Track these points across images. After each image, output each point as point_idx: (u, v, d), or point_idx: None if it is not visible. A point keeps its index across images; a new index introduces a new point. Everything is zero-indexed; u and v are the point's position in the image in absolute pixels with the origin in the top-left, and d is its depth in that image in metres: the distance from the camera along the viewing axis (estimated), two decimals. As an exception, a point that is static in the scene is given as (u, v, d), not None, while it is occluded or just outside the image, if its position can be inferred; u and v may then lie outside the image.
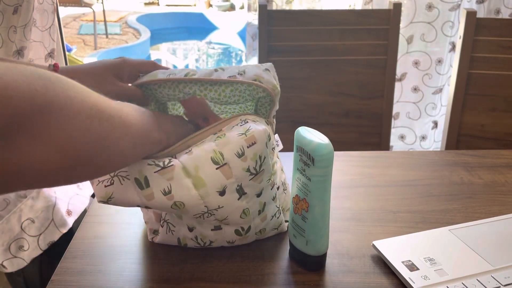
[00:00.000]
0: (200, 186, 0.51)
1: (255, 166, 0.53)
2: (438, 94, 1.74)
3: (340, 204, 0.71)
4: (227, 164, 0.51)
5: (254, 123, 0.54)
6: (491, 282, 0.53)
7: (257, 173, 0.53)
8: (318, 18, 1.25)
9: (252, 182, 0.53)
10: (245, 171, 0.52)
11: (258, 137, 0.52)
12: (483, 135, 1.27)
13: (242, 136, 0.52)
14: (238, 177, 0.52)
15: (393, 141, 1.81)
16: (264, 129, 0.53)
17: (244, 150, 0.52)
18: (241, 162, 0.52)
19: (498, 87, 1.22)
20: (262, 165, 0.53)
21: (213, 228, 0.57)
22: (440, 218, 0.67)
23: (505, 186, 0.76)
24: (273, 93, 0.57)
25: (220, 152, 0.51)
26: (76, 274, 0.56)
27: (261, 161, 0.53)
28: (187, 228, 0.58)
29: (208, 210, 0.52)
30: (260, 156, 0.53)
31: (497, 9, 1.58)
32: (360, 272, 0.57)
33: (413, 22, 1.63)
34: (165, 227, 0.59)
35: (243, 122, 0.55)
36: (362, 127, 1.33)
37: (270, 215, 0.59)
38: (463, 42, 1.20)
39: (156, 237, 0.61)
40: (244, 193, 0.54)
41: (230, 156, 0.51)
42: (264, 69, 0.59)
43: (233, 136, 0.52)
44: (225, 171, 0.51)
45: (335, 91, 1.30)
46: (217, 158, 0.51)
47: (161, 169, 0.50)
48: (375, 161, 0.84)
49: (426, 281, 0.53)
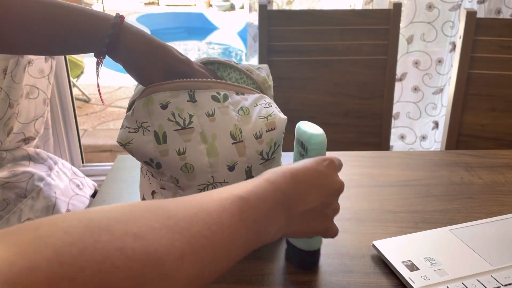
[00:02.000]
0: (212, 154, 0.52)
1: (268, 152, 0.54)
2: (439, 94, 1.74)
3: (340, 204, 0.70)
4: (243, 141, 0.53)
5: (277, 110, 0.56)
6: (491, 282, 0.53)
7: (268, 159, 0.55)
8: (318, 18, 1.25)
9: (261, 167, 0.55)
10: (258, 154, 0.54)
11: (278, 124, 0.54)
12: (483, 135, 1.27)
13: (263, 119, 0.54)
14: (250, 157, 0.53)
15: (393, 141, 1.81)
16: (285, 119, 0.55)
17: (262, 133, 0.53)
18: (257, 144, 0.53)
19: (498, 87, 1.22)
20: (275, 153, 0.55)
21: None
22: (440, 218, 0.67)
23: (505, 186, 0.76)
24: (262, 86, 0.60)
25: (239, 128, 0.53)
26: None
27: (274, 148, 0.55)
28: None
29: (213, 182, 0.53)
30: (275, 143, 0.54)
31: (497, 9, 1.58)
32: (360, 272, 0.57)
33: (413, 22, 1.63)
34: None
35: (267, 104, 0.56)
36: (362, 127, 1.33)
37: None
38: (463, 42, 1.20)
39: None
40: (251, 176, 0.55)
41: (248, 135, 0.53)
42: (257, 68, 0.61)
43: (255, 117, 0.54)
44: (239, 147, 0.53)
45: (335, 91, 1.30)
46: (236, 133, 0.53)
47: (181, 129, 0.52)
48: (375, 161, 0.84)
49: (426, 281, 0.53)
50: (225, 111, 0.54)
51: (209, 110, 0.53)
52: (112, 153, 2.44)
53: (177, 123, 0.52)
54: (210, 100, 0.54)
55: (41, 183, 1.05)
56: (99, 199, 0.72)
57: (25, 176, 1.04)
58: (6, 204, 1.01)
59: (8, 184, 1.01)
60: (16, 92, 1.14)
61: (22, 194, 1.02)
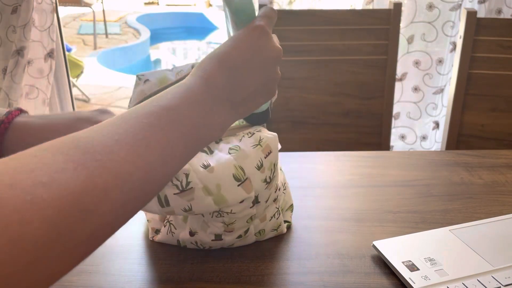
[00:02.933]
0: (221, 202, 0.51)
1: (270, 175, 0.54)
2: (439, 95, 1.74)
3: (340, 204, 0.71)
4: (248, 179, 0.52)
5: (261, 132, 0.55)
6: (492, 282, 0.53)
7: (271, 181, 0.54)
8: (318, 18, 1.25)
9: (266, 191, 0.54)
10: (262, 182, 0.53)
11: (273, 146, 0.53)
12: (483, 135, 1.27)
13: (257, 147, 0.52)
14: (257, 189, 0.53)
15: (394, 141, 1.81)
16: (275, 136, 0.54)
17: (262, 161, 0.52)
18: (260, 174, 0.52)
19: (498, 87, 1.22)
20: (274, 172, 0.54)
21: (214, 238, 0.57)
22: (440, 218, 0.67)
23: (505, 186, 0.76)
24: None
25: (240, 168, 0.51)
26: (76, 274, 0.56)
27: (274, 169, 0.54)
28: (189, 232, 0.58)
29: (219, 211, 0.53)
30: (274, 164, 0.54)
31: (498, 9, 1.58)
32: (360, 272, 0.57)
33: (414, 22, 1.63)
34: (167, 227, 0.59)
35: (249, 133, 0.55)
36: (362, 127, 1.33)
37: (269, 215, 0.59)
38: (463, 42, 1.20)
39: (156, 236, 0.61)
40: (258, 202, 0.55)
41: (251, 170, 0.52)
42: None
43: (249, 148, 0.52)
44: (246, 186, 0.52)
45: (335, 91, 1.30)
46: (239, 174, 0.51)
47: (180, 192, 0.50)
48: (375, 161, 0.83)
49: (426, 281, 0.53)
50: (219, 159, 0.51)
51: (203, 162, 0.51)
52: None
53: (175, 186, 0.50)
54: (200, 154, 0.52)
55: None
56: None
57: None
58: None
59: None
60: (16, 92, 1.14)
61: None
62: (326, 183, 0.76)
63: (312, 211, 0.69)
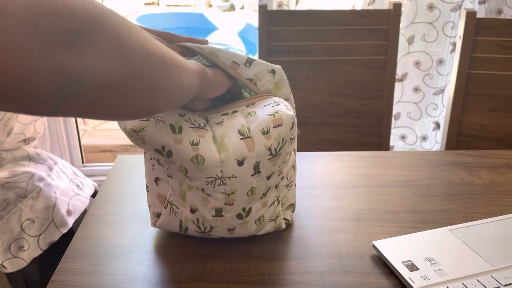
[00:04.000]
0: (222, 150, 0.54)
1: (276, 147, 0.55)
2: (440, 95, 1.74)
3: (340, 204, 0.71)
4: (251, 137, 0.54)
5: (285, 107, 0.57)
6: (491, 282, 0.53)
7: (275, 155, 0.55)
8: (318, 18, 1.25)
9: (268, 162, 0.55)
10: (266, 149, 0.54)
11: (285, 120, 0.55)
12: (483, 135, 1.27)
13: (270, 116, 0.55)
14: (259, 152, 0.54)
15: (394, 141, 1.81)
16: (292, 115, 0.56)
17: (269, 129, 0.55)
18: (265, 139, 0.54)
19: (498, 87, 1.22)
20: (281, 149, 0.56)
21: (214, 214, 0.57)
22: (440, 218, 0.67)
23: (505, 186, 0.76)
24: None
25: (247, 127, 0.55)
26: (76, 274, 0.56)
27: (282, 144, 0.55)
28: (189, 210, 0.58)
29: (221, 176, 0.54)
30: (283, 139, 0.55)
31: (498, 9, 1.58)
32: (360, 272, 0.57)
33: (414, 23, 1.63)
34: (168, 209, 0.60)
35: (275, 103, 0.58)
36: (362, 127, 1.33)
37: (270, 202, 0.60)
38: (463, 42, 1.20)
39: (158, 221, 0.62)
40: (259, 171, 0.55)
41: (255, 131, 0.55)
42: (270, 70, 0.61)
43: (262, 115, 0.56)
44: (248, 143, 0.54)
45: (335, 91, 1.30)
46: (243, 130, 0.55)
47: (196, 127, 0.55)
48: (375, 161, 0.84)
49: (426, 281, 0.53)
50: (233, 117, 0.57)
51: (218, 120, 0.57)
52: (112, 153, 2.44)
53: (193, 123, 0.55)
54: (219, 116, 0.58)
55: (41, 183, 1.06)
56: (99, 199, 0.72)
57: (25, 176, 1.04)
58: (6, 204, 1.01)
59: (8, 184, 1.01)
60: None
61: (22, 194, 1.02)
62: (326, 183, 0.76)
63: (312, 211, 0.69)
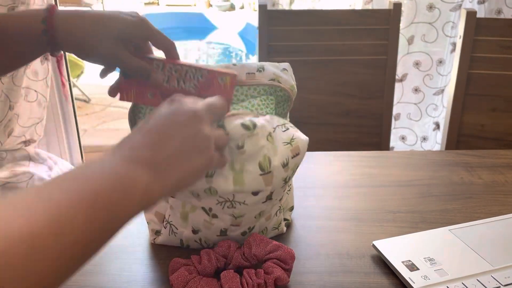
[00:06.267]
0: (238, 184, 0.51)
1: (291, 175, 0.53)
2: (440, 95, 1.74)
3: (340, 204, 0.71)
4: (271, 172, 0.51)
5: (294, 130, 0.54)
6: (491, 282, 0.53)
7: (287, 182, 0.53)
8: (318, 18, 1.25)
9: (281, 190, 0.54)
10: (282, 180, 0.52)
11: (302, 148, 0.53)
12: (483, 135, 1.27)
13: (287, 146, 0.52)
14: (275, 185, 0.52)
15: (394, 141, 1.81)
16: (307, 140, 0.54)
17: (288, 160, 0.52)
18: (283, 172, 0.52)
19: (498, 87, 1.22)
20: (294, 173, 0.54)
21: (219, 234, 0.57)
22: (440, 218, 0.67)
23: (505, 186, 0.76)
24: (291, 93, 0.58)
25: (269, 159, 0.51)
26: (76, 274, 0.56)
27: (295, 170, 0.54)
28: (191, 230, 0.58)
29: (233, 200, 0.52)
30: (298, 166, 0.53)
31: (498, 9, 1.58)
32: (360, 272, 0.57)
33: (414, 23, 1.63)
34: (168, 229, 0.59)
35: (283, 126, 0.54)
36: (362, 127, 1.33)
37: (273, 213, 0.59)
38: (463, 42, 1.20)
39: (158, 238, 0.61)
40: (270, 199, 0.54)
41: (277, 166, 0.51)
42: (282, 69, 0.59)
43: (280, 144, 0.52)
44: (267, 178, 0.51)
45: (335, 91, 1.30)
46: (265, 165, 0.50)
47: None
48: (375, 161, 0.84)
49: (426, 281, 0.53)
50: (255, 142, 0.50)
51: (238, 142, 0.49)
52: (112, 153, 2.43)
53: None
54: (240, 128, 0.49)
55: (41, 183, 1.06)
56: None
57: (25, 176, 1.04)
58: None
59: (8, 184, 1.01)
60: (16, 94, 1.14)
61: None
62: (326, 183, 0.76)
63: (312, 211, 0.69)
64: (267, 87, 0.57)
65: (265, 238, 0.55)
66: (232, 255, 0.54)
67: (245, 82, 0.56)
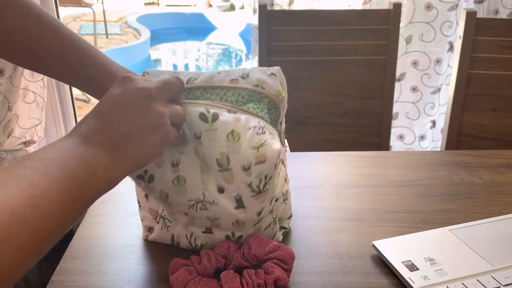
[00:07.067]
0: (204, 171, 0.51)
1: (259, 185, 0.51)
2: (437, 94, 1.74)
3: (340, 204, 0.71)
4: (230, 170, 0.50)
5: (270, 137, 0.52)
6: (491, 282, 0.53)
7: (260, 192, 0.52)
8: (318, 18, 1.25)
9: (253, 199, 0.52)
10: (246, 186, 0.51)
11: (269, 157, 0.50)
12: (483, 135, 1.27)
13: (253, 151, 0.50)
14: (238, 187, 0.51)
15: (392, 141, 1.81)
16: (278, 150, 0.51)
17: (251, 165, 0.50)
18: (245, 176, 0.50)
19: (498, 87, 1.22)
20: (267, 185, 0.52)
21: (204, 230, 0.57)
22: (440, 218, 0.67)
23: (505, 186, 0.76)
24: (276, 99, 0.55)
25: (227, 156, 0.50)
26: (76, 274, 0.56)
27: (265, 181, 0.51)
28: (183, 224, 0.58)
29: (203, 200, 0.52)
30: (265, 176, 0.51)
31: (495, 9, 1.58)
32: (360, 272, 0.57)
33: (412, 22, 1.63)
34: (161, 223, 0.59)
35: (260, 129, 0.51)
36: (361, 127, 1.33)
37: (264, 226, 0.58)
38: (463, 42, 1.20)
39: (150, 235, 0.61)
40: (243, 206, 0.53)
41: (235, 165, 0.50)
42: (269, 74, 0.55)
43: (245, 146, 0.50)
44: (225, 175, 0.51)
45: (335, 91, 1.30)
46: (223, 161, 0.50)
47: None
48: (375, 161, 0.84)
49: (426, 281, 0.53)
50: (212, 136, 0.49)
51: (196, 131, 0.50)
52: (112, 153, 2.43)
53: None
54: (198, 119, 0.50)
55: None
56: (99, 199, 0.72)
57: (25, 177, 1.04)
58: (6, 204, 1.01)
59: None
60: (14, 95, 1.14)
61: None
62: (326, 183, 0.76)
63: (312, 211, 0.69)
64: (251, 92, 0.54)
65: (265, 238, 0.55)
66: (232, 255, 0.54)
67: (227, 86, 0.54)
